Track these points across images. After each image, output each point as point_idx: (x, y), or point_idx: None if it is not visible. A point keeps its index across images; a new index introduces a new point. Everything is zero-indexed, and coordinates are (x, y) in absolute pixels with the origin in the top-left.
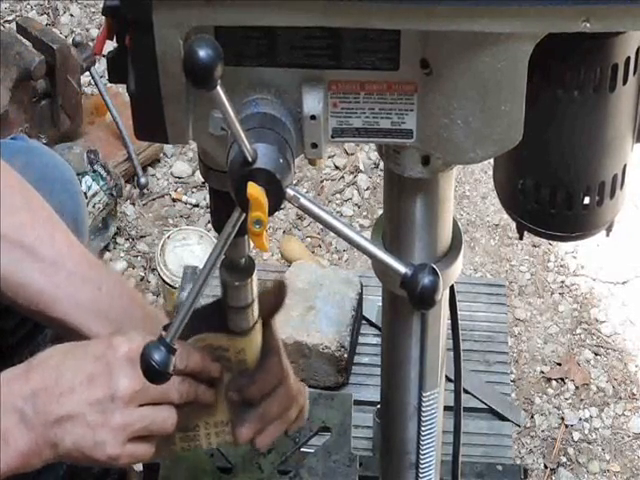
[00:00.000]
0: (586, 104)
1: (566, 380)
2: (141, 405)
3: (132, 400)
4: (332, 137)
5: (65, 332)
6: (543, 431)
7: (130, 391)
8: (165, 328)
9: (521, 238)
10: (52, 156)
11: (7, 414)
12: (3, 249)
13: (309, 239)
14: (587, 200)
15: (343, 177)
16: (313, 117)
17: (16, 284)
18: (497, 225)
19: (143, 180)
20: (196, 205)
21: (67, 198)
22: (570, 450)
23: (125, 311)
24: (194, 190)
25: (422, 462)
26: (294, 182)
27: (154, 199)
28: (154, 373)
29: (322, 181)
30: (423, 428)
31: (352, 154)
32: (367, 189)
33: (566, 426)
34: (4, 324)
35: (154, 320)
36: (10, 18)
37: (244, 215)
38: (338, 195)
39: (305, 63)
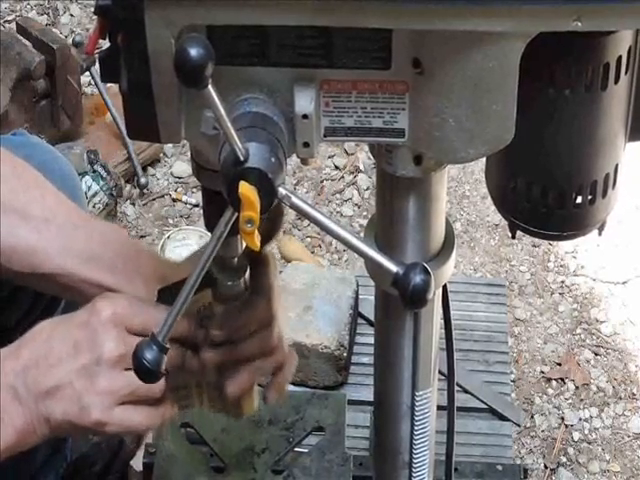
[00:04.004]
0: (578, 103)
1: (566, 380)
2: (128, 369)
3: (118, 363)
4: (324, 136)
5: (62, 289)
6: (543, 431)
7: (115, 354)
8: (160, 292)
9: (513, 237)
10: (52, 152)
11: (1, 392)
12: None
13: (309, 239)
14: (579, 199)
15: (343, 177)
16: (305, 116)
17: (8, 248)
18: (497, 225)
19: (143, 180)
20: (196, 205)
21: (67, 193)
22: (570, 450)
23: (119, 252)
24: (194, 190)
25: (415, 462)
26: (294, 182)
27: (154, 199)
28: (146, 372)
29: (322, 181)
30: (416, 427)
31: (352, 154)
32: (367, 189)
33: (566, 426)
34: (5, 321)
35: (148, 257)
36: (10, 18)
37: (236, 214)
38: (338, 195)
39: (297, 62)
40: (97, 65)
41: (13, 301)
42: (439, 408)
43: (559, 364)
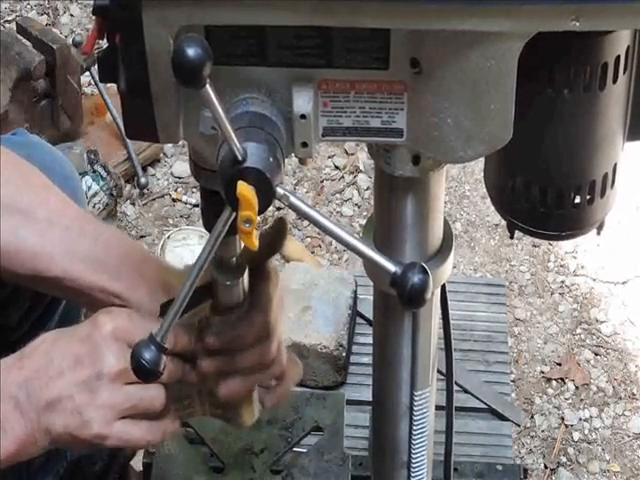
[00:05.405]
0: (576, 103)
1: (566, 380)
2: (129, 383)
3: (118, 378)
4: (322, 136)
5: (65, 293)
6: (543, 431)
7: (116, 368)
8: (163, 307)
9: (512, 237)
10: (52, 151)
11: (3, 402)
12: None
13: (309, 239)
14: (578, 199)
15: (343, 177)
16: (303, 116)
17: (12, 250)
18: (497, 225)
19: (143, 180)
20: (196, 205)
21: (67, 194)
22: (570, 450)
23: (123, 258)
24: (194, 190)
25: (414, 461)
26: (294, 182)
27: (154, 199)
28: (145, 372)
29: (322, 181)
30: (415, 427)
31: (352, 154)
32: (367, 189)
33: (566, 426)
34: (6, 320)
35: (153, 264)
36: (10, 18)
37: (234, 214)
38: (338, 195)
39: (295, 62)
40: (97, 65)
41: (14, 300)
42: (438, 408)
43: (559, 364)
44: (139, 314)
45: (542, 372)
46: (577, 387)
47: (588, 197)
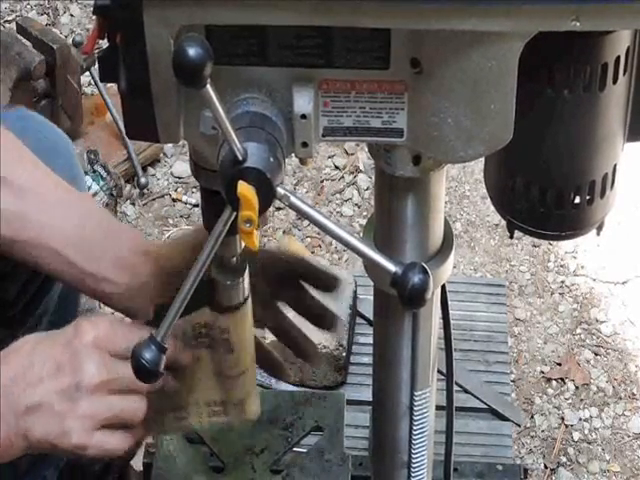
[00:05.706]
0: (576, 103)
1: (566, 380)
2: (110, 394)
3: (99, 388)
4: (323, 136)
5: (37, 262)
6: (543, 431)
7: (96, 379)
8: (157, 308)
9: (511, 237)
10: (48, 125)
11: None
12: None
13: (309, 239)
14: (577, 199)
15: (343, 177)
16: (304, 116)
17: None
18: (497, 225)
19: (143, 180)
20: (196, 205)
21: (63, 163)
22: (570, 450)
23: (99, 228)
24: (194, 190)
25: (414, 461)
26: (294, 182)
27: (154, 199)
28: (145, 372)
29: (322, 181)
30: (415, 427)
31: (352, 154)
32: (367, 189)
33: (566, 426)
34: (4, 294)
35: (128, 232)
36: (10, 18)
37: (235, 214)
38: (338, 195)
39: (295, 62)
40: (97, 65)
41: (12, 274)
42: (439, 408)
43: (559, 364)
44: (121, 322)
45: (542, 372)
46: (577, 387)
47: (588, 197)
